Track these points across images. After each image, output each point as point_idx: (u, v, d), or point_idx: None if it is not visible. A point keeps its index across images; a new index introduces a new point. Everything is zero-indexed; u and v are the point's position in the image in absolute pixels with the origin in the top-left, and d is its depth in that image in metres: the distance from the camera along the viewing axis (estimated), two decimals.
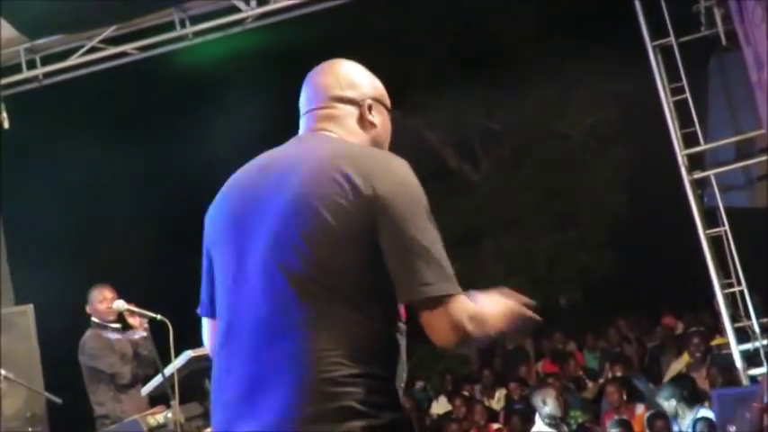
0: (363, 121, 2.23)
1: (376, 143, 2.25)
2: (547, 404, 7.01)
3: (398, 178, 2.03)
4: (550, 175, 13.09)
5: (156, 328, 4.66)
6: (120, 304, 5.11)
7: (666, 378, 8.41)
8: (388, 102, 2.32)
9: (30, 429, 6.07)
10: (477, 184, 13.79)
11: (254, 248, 2.02)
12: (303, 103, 2.28)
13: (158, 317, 4.67)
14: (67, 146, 9.58)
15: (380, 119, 2.27)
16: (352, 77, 2.25)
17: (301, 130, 2.26)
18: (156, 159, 11.26)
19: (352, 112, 2.22)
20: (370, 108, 2.24)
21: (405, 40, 12.95)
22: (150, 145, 11.20)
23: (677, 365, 8.61)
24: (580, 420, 7.54)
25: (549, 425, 7.06)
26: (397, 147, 3.46)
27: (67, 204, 9.34)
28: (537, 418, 7.13)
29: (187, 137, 11.21)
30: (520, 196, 13.03)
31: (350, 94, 2.23)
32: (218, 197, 2.19)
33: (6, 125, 7.48)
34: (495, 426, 8.55)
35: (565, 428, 7.09)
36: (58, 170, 9.60)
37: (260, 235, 2.02)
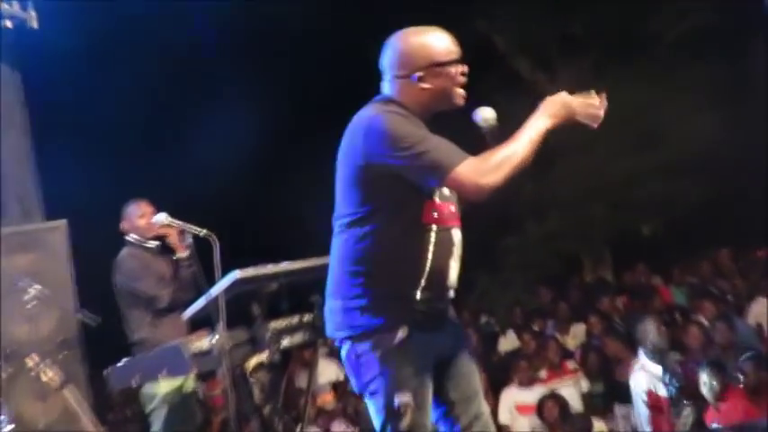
0: (416, 90, 3.08)
1: (433, 100, 3.10)
2: (649, 336, 6.87)
3: None
4: (635, 88, 12.68)
5: (200, 246, 4.58)
6: (162, 218, 5.04)
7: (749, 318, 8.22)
8: (443, 59, 3.10)
9: (63, 354, 6.10)
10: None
11: None
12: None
13: (203, 232, 4.58)
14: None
15: (434, 80, 3.08)
16: (401, 56, 3.10)
17: None
18: None
19: (405, 83, 3.09)
20: (420, 78, 3.07)
21: None
22: None
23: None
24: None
25: (654, 359, 6.93)
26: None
27: (106, 109, 9.31)
28: (640, 352, 7.02)
29: None
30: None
31: (400, 72, 3.10)
32: None
33: (35, 24, 7.40)
34: (571, 365, 8.42)
35: (672, 362, 6.94)
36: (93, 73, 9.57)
37: None
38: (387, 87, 3.16)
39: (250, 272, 4.64)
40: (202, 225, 4.78)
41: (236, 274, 4.52)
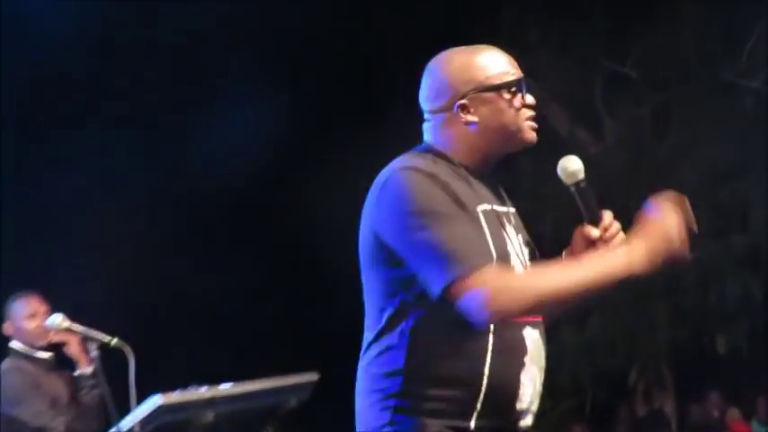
0: (460, 126, 3.02)
1: (487, 139, 3.03)
2: None
3: None
4: (710, 148, 12.93)
5: (108, 359, 4.67)
6: (58, 320, 5.11)
7: None
8: (495, 81, 3.01)
9: None
10: (599, 159, 13.62)
11: None
12: None
13: (113, 340, 4.67)
14: None
15: (484, 109, 3.00)
16: (438, 84, 3.06)
17: None
18: None
19: (445, 117, 3.04)
20: (464, 108, 3.00)
21: None
22: None
23: None
24: None
25: None
26: None
27: None
28: None
29: None
30: (661, 180, 12.88)
31: (438, 103, 3.05)
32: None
33: None
34: None
35: None
36: None
37: None
38: (427, 132, 3.09)
39: (177, 397, 4.73)
40: (113, 332, 4.86)
41: (159, 400, 4.59)
